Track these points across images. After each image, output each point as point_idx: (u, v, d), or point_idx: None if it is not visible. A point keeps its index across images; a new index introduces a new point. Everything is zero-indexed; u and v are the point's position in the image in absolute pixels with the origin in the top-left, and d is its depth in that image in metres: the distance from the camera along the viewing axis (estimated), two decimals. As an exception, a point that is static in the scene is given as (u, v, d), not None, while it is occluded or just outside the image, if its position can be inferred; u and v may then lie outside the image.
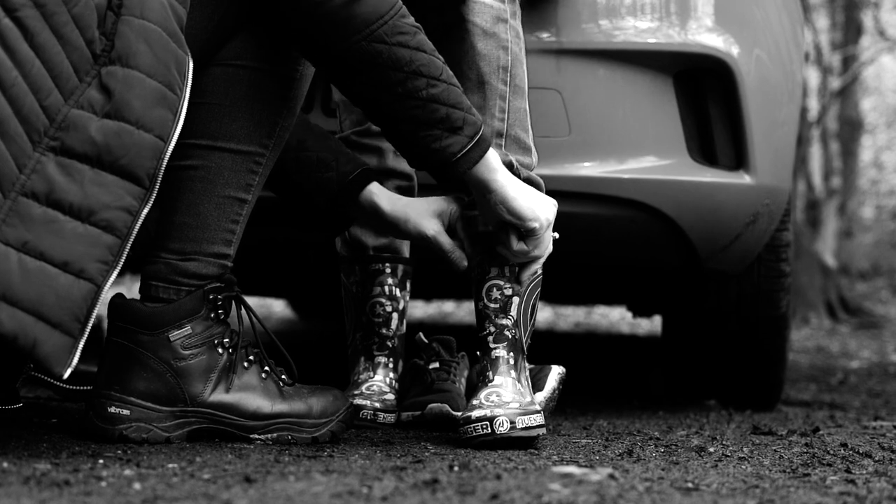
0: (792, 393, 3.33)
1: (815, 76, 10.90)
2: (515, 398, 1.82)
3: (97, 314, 1.54)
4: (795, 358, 4.98)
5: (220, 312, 1.74)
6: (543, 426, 1.81)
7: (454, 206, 1.87)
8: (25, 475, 1.39)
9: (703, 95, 2.29)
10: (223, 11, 1.71)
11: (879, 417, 2.62)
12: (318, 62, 1.72)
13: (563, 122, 2.22)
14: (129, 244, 1.54)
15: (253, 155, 1.75)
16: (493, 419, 1.78)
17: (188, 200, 1.73)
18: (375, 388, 2.10)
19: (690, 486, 1.49)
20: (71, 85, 1.49)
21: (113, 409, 1.69)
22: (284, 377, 1.81)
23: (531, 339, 1.92)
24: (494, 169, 1.75)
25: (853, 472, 1.67)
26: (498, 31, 1.93)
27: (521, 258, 1.84)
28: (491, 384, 1.85)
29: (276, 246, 2.50)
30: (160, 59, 1.54)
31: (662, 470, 1.62)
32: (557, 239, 1.87)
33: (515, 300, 1.88)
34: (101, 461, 1.53)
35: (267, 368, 1.79)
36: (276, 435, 1.76)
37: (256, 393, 1.76)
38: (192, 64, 1.59)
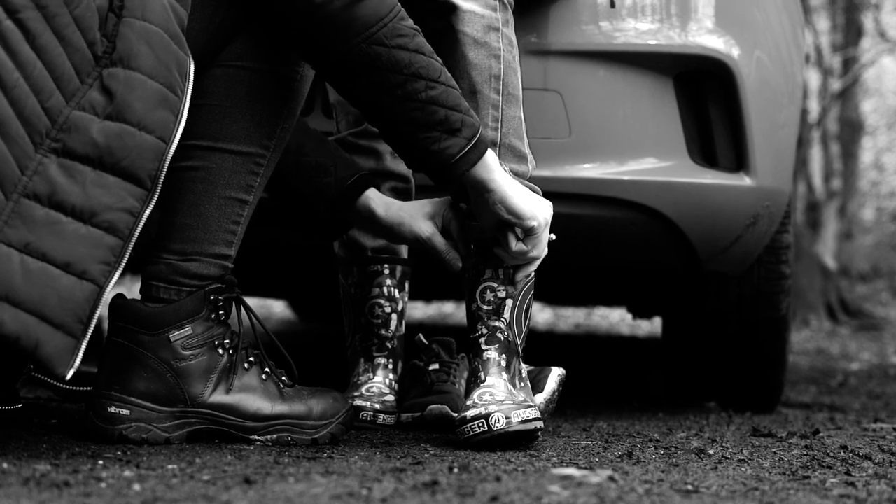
0: (792, 395, 3.32)
1: (815, 78, 10.90)
2: (508, 397, 1.82)
3: (98, 314, 1.55)
4: (795, 360, 4.97)
5: (220, 313, 1.74)
6: (540, 420, 1.81)
7: (447, 207, 1.87)
8: (25, 476, 1.39)
9: (703, 97, 2.29)
10: (224, 13, 1.71)
11: (879, 420, 2.62)
12: (317, 65, 1.72)
13: (563, 123, 2.22)
14: (131, 245, 1.55)
15: (254, 156, 1.75)
16: (488, 416, 1.78)
17: (189, 201, 1.73)
18: (375, 389, 2.10)
19: (690, 488, 1.49)
20: (72, 86, 1.49)
21: (113, 408, 1.69)
22: (285, 378, 1.81)
23: (526, 341, 1.92)
24: (492, 169, 1.75)
25: (853, 474, 1.67)
26: (489, 39, 1.91)
27: (518, 259, 1.84)
28: (483, 384, 1.85)
29: (276, 247, 2.50)
30: (161, 60, 1.55)
31: (662, 472, 1.63)
32: (555, 241, 1.86)
33: (509, 302, 1.88)
34: (100, 462, 1.53)
35: (267, 370, 1.79)
36: (275, 436, 1.76)
37: (256, 394, 1.76)
38: (193, 65, 1.59)
